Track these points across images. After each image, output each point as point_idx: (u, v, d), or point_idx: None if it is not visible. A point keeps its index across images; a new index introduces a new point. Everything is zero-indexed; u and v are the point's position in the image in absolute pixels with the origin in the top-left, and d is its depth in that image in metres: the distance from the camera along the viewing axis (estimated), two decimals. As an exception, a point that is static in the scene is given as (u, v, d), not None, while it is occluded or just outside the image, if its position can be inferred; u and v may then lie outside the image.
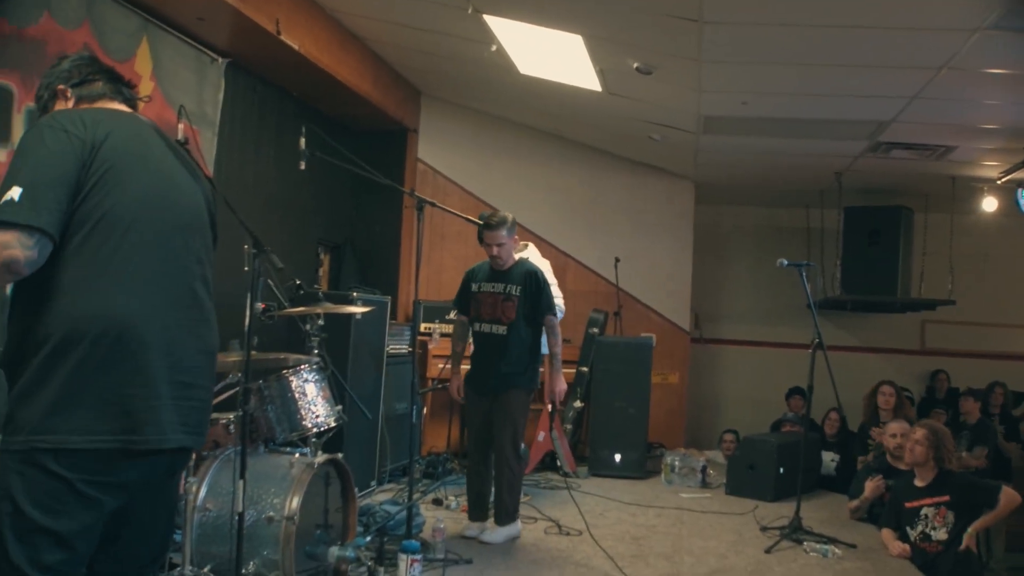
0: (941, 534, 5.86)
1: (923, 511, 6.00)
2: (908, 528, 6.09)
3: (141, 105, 2.89)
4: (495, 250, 6.07)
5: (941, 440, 6.07)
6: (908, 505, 6.13)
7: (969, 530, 5.75)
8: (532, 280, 6.15)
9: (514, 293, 6.12)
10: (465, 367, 6.36)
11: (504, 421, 6.00)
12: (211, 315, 2.79)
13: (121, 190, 2.53)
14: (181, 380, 2.60)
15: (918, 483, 6.14)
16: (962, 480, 6.09)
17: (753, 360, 11.77)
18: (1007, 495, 5.78)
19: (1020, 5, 4.91)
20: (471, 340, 6.35)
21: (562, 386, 6.28)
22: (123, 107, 2.79)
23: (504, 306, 6.12)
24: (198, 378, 2.69)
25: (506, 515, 6.03)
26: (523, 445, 6.38)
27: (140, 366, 2.50)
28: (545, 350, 6.29)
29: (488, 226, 6.07)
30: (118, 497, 2.53)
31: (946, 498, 5.91)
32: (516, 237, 6.23)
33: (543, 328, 6.22)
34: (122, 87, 2.85)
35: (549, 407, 7.88)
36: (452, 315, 6.92)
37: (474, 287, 6.26)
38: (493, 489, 6.11)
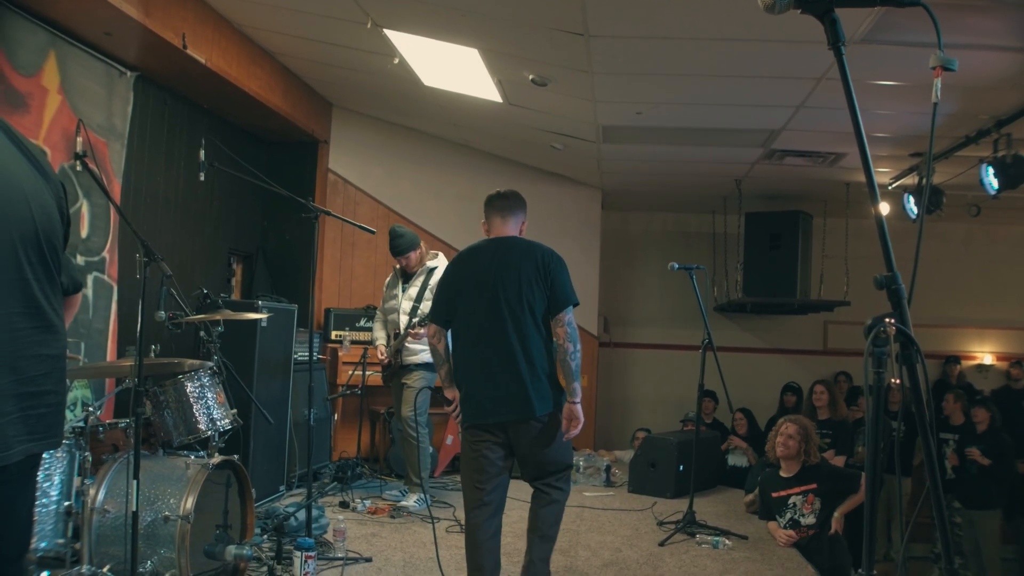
0: (810, 519, 6.32)
1: (791, 499, 6.43)
2: (777, 516, 6.53)
3: None
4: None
5: (809, 436, 6.53)
6: (775, 495, 6.57)
7: (836, 514, 6.27)
8: None
9: None
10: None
11: None
12: (55, 319, 2.71)
13: None
14: (27, 391, 2.56)
15: (783, 474, 6.57)
16: (828, 469, 6.63)
17: (664, 362, 11.97)
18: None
19: (886, 18, 5.20)
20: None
21: None
22: None
23: None
24: (44, 384, 2.63)
25: None
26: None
27: None
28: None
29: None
30: None
31: (813, 486, 6.37)
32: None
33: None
34: None
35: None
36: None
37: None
38: None
